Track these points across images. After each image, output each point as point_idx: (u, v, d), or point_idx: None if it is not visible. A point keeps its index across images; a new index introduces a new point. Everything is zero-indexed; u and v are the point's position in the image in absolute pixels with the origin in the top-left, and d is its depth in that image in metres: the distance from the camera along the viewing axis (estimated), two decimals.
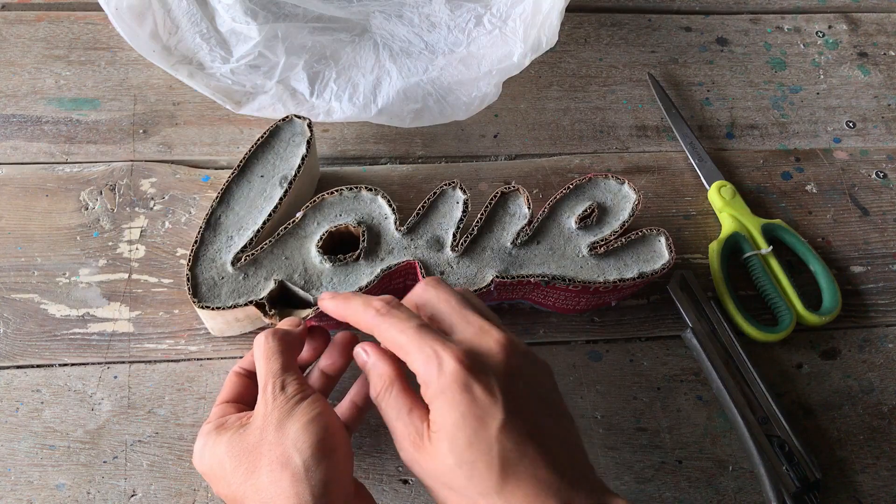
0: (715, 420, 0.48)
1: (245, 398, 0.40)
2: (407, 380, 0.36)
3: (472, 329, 0.35)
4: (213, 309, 0.43)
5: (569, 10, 0.52)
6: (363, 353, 0.38)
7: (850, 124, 0.61)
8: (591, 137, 0.58)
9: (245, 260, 0.44)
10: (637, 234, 0.48)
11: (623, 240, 0.48)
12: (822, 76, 0.64)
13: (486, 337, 0.35)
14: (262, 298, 0.43)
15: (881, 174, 0.59)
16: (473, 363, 0.33)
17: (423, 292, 0.37)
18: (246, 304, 0.43)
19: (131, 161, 0.53)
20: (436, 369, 0.33)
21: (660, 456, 0.47)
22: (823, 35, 0.66)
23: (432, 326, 0.35)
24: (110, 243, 0.50)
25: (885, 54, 0.65)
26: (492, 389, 0.33)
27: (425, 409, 0.34)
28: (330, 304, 0.39)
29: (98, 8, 0.51)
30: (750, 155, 0.59)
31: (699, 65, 0.63)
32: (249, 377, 0.41)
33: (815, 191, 0.58)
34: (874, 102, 0.63)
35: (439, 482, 0.34)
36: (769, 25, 0.66)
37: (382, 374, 0.36)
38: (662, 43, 0.64)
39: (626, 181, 0.49)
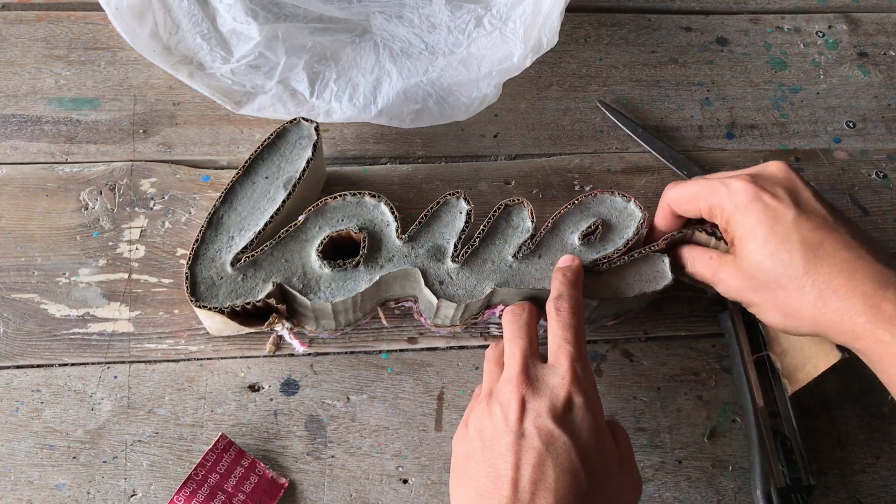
0: (715, 420, 0.48)
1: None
2: None
3: (743, 174, 0.42)
4: (210, 309, 0.43)
5: (569, 10, 0.52)
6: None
7: (850, 124, 0.61)
8: (591, 137, 0.58)
9: (245, 261, 0.44)
10: (640, 252, 0.47)
11: (626, 258, 0.47)
12: (822, 76, 0.64)
13: (764, 165, 0.42)
14: (259, 300, 0.43)
15: (881, 174, 0.59)
16: (755, 179, 0.41)
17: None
18: (247, 305, 0.43)
19: (131, 161, 0.53)
20: (726, 193, 0.41)
21: (660, 456, 0.47)
22: (823, 35, 0.66)
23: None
24: (110, 243, 0.50)
25: (885, 54, 0.65)
26: (777, 195, 0.40)
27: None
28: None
29: (98, 8, 0.51)
30: (750, 155, 0.59)
31: (699, 65, 0.63)
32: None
33: None
34: (874, 102, 0.63)
35: (746, 286, 0.41)
36: (769, 25, 0.66)
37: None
38: (662, 43, 0.64)
39: (633, 199, 0.48)
